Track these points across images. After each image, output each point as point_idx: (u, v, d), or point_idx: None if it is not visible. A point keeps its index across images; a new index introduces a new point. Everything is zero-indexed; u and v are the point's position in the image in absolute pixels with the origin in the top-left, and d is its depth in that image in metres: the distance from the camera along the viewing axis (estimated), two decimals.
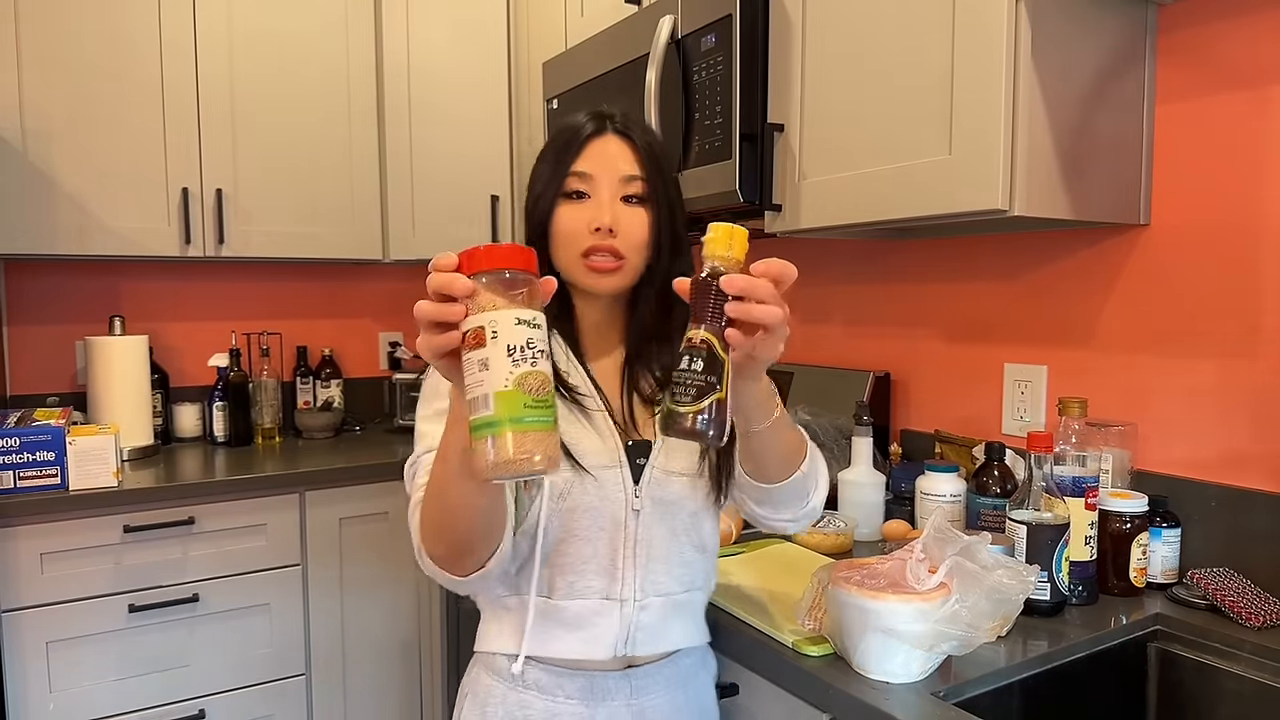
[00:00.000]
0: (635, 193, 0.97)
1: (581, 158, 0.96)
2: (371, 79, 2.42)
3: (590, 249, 0.95)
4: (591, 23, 1.97)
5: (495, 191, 2.42)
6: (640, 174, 0.97)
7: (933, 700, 0.94)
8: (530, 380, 0.67)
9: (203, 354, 2.49)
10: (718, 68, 1.49)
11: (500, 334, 0.67)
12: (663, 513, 0.99)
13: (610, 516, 0.97)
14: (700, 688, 1.08)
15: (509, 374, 0.66)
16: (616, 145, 0.97)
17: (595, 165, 0.96)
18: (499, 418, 0.66)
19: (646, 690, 1.01)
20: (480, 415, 0.66)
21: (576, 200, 0.96)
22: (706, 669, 1.10)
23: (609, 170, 0.96)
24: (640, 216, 0.97)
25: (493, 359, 0.66)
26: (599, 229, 0.94)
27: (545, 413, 0.67)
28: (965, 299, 1.64)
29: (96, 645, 1.86)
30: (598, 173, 0.96)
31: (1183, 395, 1.32)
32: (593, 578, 0.97)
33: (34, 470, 1.81)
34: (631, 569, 0.97)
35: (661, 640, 1.01)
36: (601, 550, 0.97)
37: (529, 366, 0.67)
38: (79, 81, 2.05)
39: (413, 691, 2.27)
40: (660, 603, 1.00)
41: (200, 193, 2.19)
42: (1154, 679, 1.16)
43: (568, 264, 0.97)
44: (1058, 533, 1.14)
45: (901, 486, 1.61)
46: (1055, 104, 1.17)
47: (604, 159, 0.96)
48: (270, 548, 2.04)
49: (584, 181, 0.96)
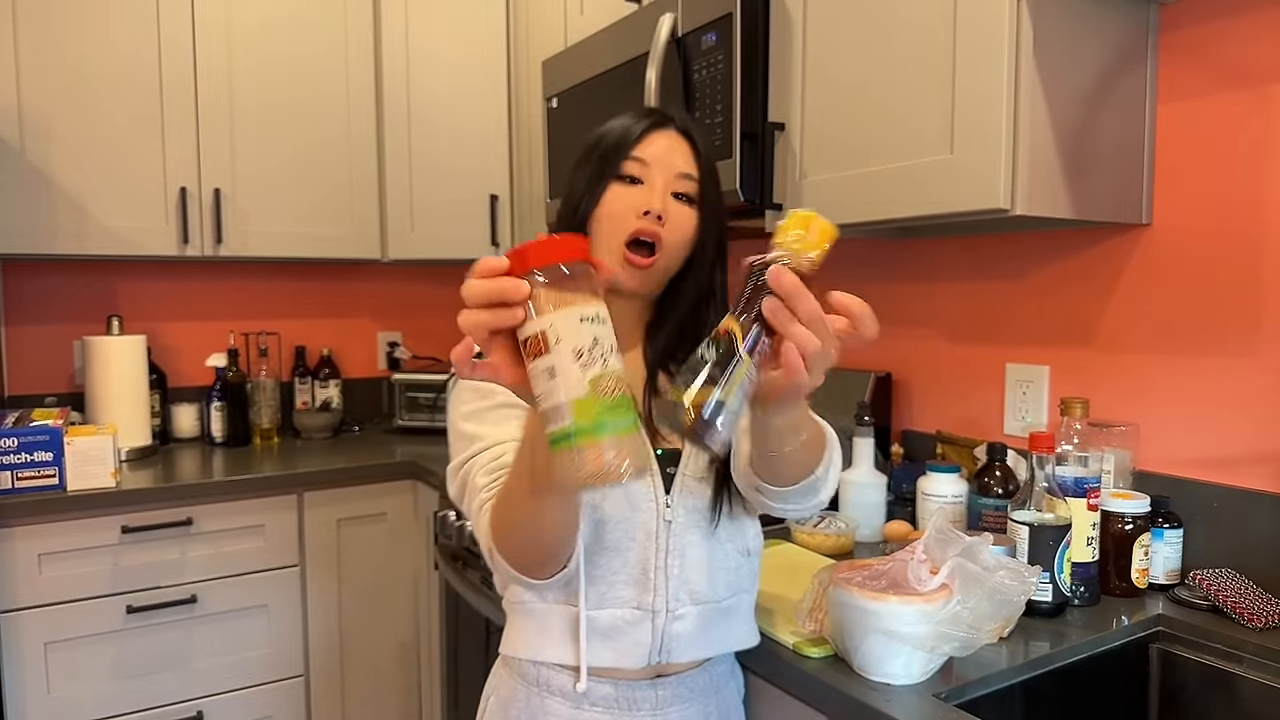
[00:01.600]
0: (688, 191, 0.96)
1: (641, 145, 0.95)
2: (370, 78, 2.41)
3: (635, 233, 0.93)
4: (591, 21, 1.97)
5: (494, 191, 2.41)
6: (696, 174, 0.96)
7: (934, 702, 0.93)
8: (605, 382, 0.61)
9: (201, 354, 2.49)
10: (718, 66, 1.48)
11: (564, 337, 0.61)
12: (698, 519, 0.97)
13: (641, 527, 0.95)
14: (728, 700, 1.05)
15: (580, 379, 0.61)
16: (677, 141, 0.97)
17: (654, 154, 0.95)
18: (577, 427, 0.60)
19: (673, 701, 0.99)
20: (558, 427, 0.61)
21: (630, 184, 0.95)
22: (735, 679, 1.08)
23: (666, 162, 0.95)
24: (689, 215, 0.96)
25: (560, 365, 0.61)
26: (649, 212, 0.92)
27: (625, 415, 0.62)
28: (967, 299, 1.64)
29: (94, 646, 1.86)
30: (655, 162, 0.95)
31: (1185, 395, 1.32)
32: (623, 588, 0.94)
33: (32, 471, 1.80)
34: (664, 579, 0.95)
35: (699, 648, 0.98)
36: (632, 561, 0.94)
37: (600, 368, 0.61)
38: (77, 81, 2.04)
39: (411, 692, 2.26)
40: (698, 611, 0.97)
41: (198, 192, 2.19)
42: (1156, 680, 1.16)
43: (611, 248, 0.94)
44: (1059, 533, 1.13)
45: (903, 487, 1.61)
46: (1057, 103, 1.17)
47: (664, 150, 0.96)
48: (268, 548, 2.03)
49: (641, 167, 0.95)
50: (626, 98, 1.70)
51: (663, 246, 0.94)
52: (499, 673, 1.03)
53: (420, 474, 2.16)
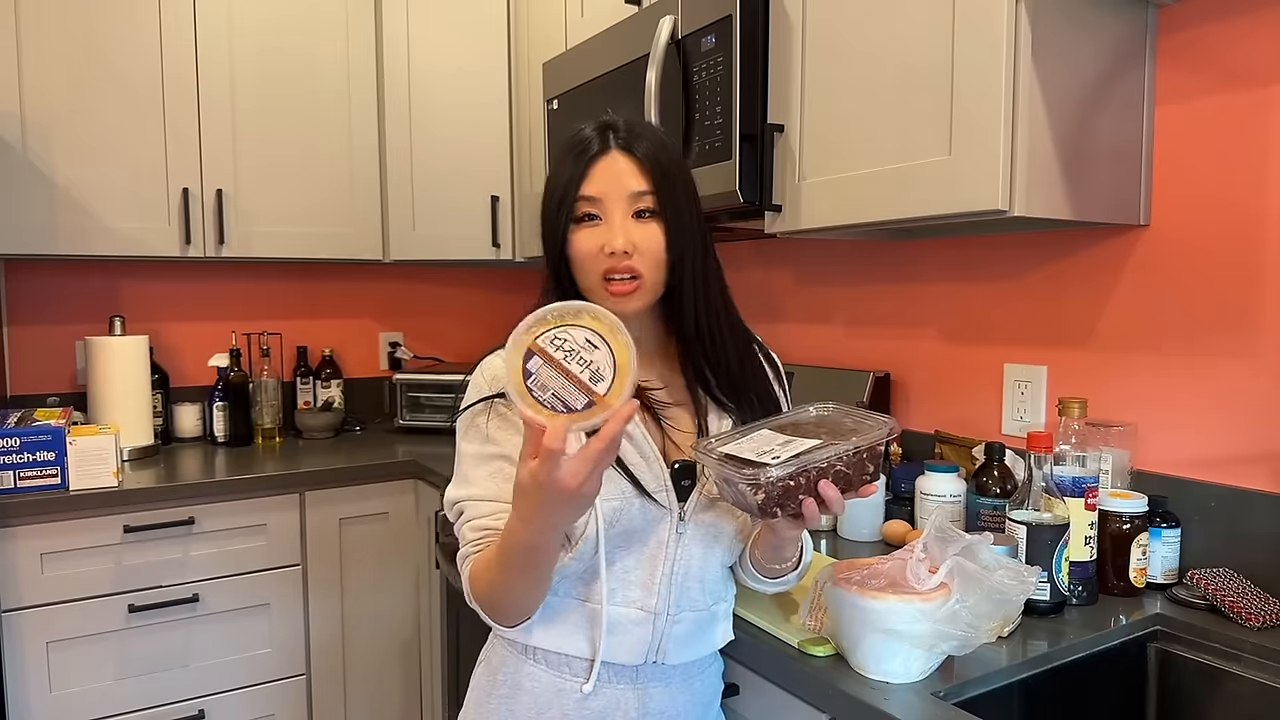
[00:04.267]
0: (646, 207, 0.96)
1: (588, 181, 0.96)
2: (372, 79, 2.42)
3: (608, 271, 0.95)
4: (592, 23, 1.97)
5: (495, 192, 2.42)
6: (648, 188, 0.96)
7: (933, 700, 0.94)
8: None
9: (203, 354, 2.50)
10: (718, 68, 1.49)
11: None
12: (703, 535, 1.01)
13: (655, 538, 0.99)
14: (708, 679, 1.09)
15: None
16: (623, 162, 0.96)
17: (602, 187, 0.95)
18: None
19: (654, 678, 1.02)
20: None
21: (589, 224, 0.96)
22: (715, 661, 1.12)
23: (617, 189, 0.95)
24: (653, 232, 0.96)
25: None
26: (613, 253, 0.94)
27: None
28: (965, 299, 1.64)
29: (96, 645, 1.87)
30: (605, 194, 0.95)
31: (1182, 395, 1.32)
32: (632, 589, 0.99)
33: (34, 470, 1.81)
34: (668, 586, 0.99)
35: (691, 649, 1.03)
36: (644, 565, 0.99)
37: None
38: (79, 82, 2.05)
39: (412, 691, 2.27)
40: (694, 617, 1.02)
41: (200, 193, 2.19)
42: (1154, 679, 1.16)
43: (591, 286, 0.97)
44: (1057, 533, 1.14)
45: (901, 487, 1.61)
46: (1055, 104, 1.18)
47: (610, 178, 0.96)
48: (270, 548, 2.04)
49: (593, 205, 0.96)
50: (627, 99, 1.70)
51: (638, 272, 0.95)
52: (492, 643, 1.08)
53: (422, 474, 2.16)
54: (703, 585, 1.02)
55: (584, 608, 0.99)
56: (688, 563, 1.00)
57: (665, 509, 0.99)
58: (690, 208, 0.99)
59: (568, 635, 0.99)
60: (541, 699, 1.00)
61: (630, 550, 0.98)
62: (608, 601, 0.98)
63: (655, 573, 0.99)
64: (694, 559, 1.01)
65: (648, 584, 0.99)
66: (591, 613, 0.98)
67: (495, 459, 0.97)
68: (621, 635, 0.99)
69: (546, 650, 1.00)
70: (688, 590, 1.01)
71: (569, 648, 0.99)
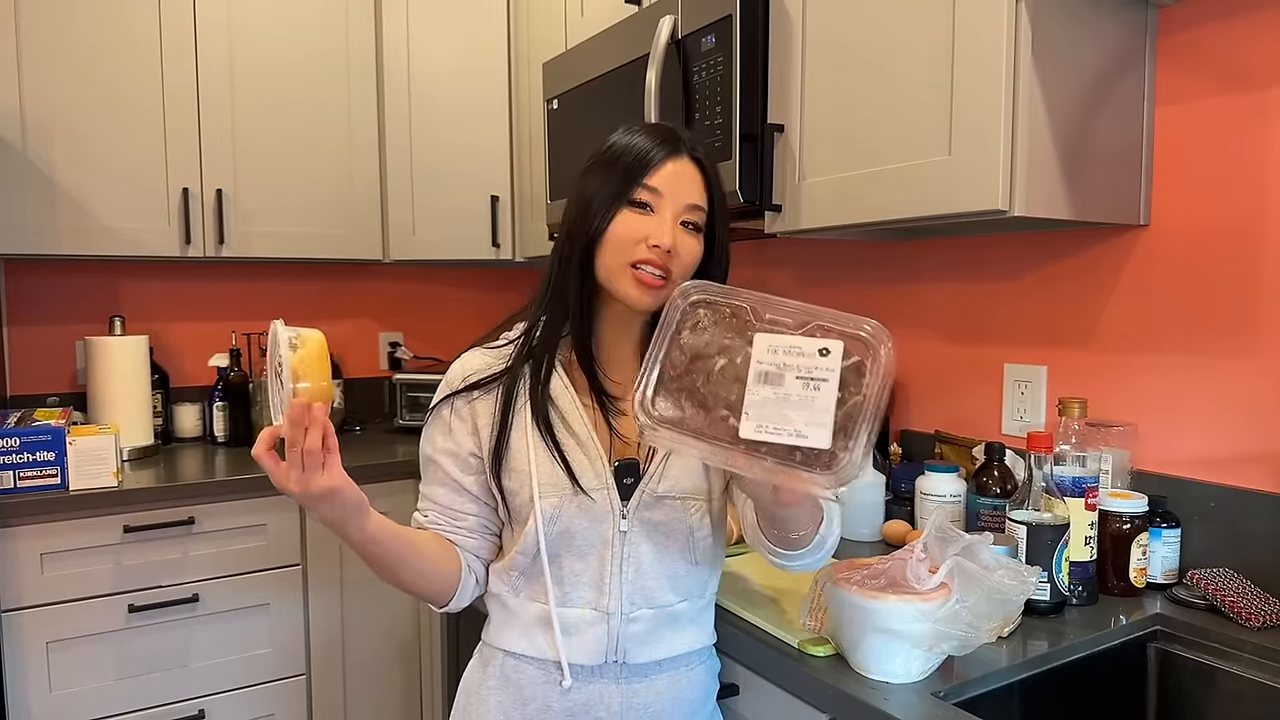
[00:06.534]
0: (696, 221, 0.99)
1: (658, 172, 0.97)
2: (372, 80, 2.42)
3: (643, 260, 0.96)
4: (591, 23, 1.97)
5: (495, 192, 2.41)
6: (705, 205, 0.99)
7: (933, 700, 0.94)
8: None
9: (203, 354, 2.49)
10: (718, 68, 1.49)
11: None
12: (650, 532, 1.01)
13: (599, 536, 1.00)
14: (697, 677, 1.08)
15: None
16: (690, 170, 0.99)
17: (668, 184, 0.97)
18: None
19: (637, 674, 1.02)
20: None
21: (639, 210, 0.97)
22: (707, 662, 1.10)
23: (677, 192, 0.97)
24: (694, 245, 0.99)
25: None
26: (657, 246, 0.95)
27: None
28: (965, 299, 1.64)
29: (96, 645, 1.86)
30: (667, 191, 0.97)
31: (1182, 396, 1.32)
32: (584, 589, 1.00)
33: (34, 470, 1.81)
34: (619, 584, 1.00)
35: (654, 648, 1.02)
36: (592, 565, 1.00)
37: None
38: (79, 82, 2.05)
39: (412, 691, 2.27)
40: (652, 614, 1.02)
41: (200, 193, 2.19)
42: (1154, 679, 1.16)
43: (613, 269, 0.98)
44: (1057, 533, 1.14)
45: (901, 487, 1.61)
46: (1055, 105, 1.18)
47: (676, 181, 0.98)
48: (270, 548, 2.04)
49: (653, 195, 0.97)
50: (627, 99, 1.70)
51: (670, 273, 0.97)
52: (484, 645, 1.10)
53: None
54: (659, 582, 1.01)
55: (540, 609, 1.00)
56: (638, 560, 1.00)
57: (605, 507, 0.99)
58: (725, 237, 1.03)
59: (530, 637, 1.01)
60: (527, 690, 1.02)
61: (577, 550, 0.99)
62: (562, 603, 0.99)
63: (604, 572, 0.99)
64: (644, 556, 1.00)
65: (598, 583, 1.00)
66: (547, 614, 1.00)
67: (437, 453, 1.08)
68: (578, 636, 1.00)
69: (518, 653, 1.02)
70: (643, 589, 1.00)
71: (533, 649, 1.01)
